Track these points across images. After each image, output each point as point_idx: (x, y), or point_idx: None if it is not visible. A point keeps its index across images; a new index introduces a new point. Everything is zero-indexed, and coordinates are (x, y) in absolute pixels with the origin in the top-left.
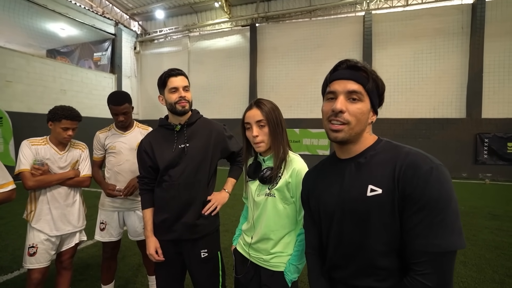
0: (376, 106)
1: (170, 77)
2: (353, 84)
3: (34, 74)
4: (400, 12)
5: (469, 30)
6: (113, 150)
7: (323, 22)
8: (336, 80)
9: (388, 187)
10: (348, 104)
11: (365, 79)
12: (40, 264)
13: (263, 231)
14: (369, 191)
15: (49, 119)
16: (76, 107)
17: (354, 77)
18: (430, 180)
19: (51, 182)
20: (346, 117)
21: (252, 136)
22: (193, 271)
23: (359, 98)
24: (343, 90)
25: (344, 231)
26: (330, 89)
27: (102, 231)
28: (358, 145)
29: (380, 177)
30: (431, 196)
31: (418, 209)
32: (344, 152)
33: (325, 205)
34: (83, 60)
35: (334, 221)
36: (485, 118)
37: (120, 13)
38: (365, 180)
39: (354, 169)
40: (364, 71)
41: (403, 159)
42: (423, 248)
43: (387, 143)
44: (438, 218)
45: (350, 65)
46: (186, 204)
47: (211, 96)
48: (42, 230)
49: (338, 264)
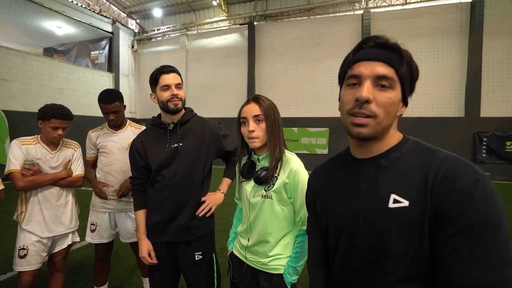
0: (407, 96)
1: (162, 74)
2: (383, 67)
3: (30, 73)
4: (398, 11)
5: (468, 29)
6: (104, 149)
7: (322, 21)
8: (361, 61)
9: (417, 199)
10: (376, 92)
11: (398, 62)
12: (31, 266)
13: (260, 233)
14: (392, 201)
15: (39, 118)
16: (73, 106)
17: (384, 58)
18: (475, 195)
19: (43, 183)
20: (373, 109)
21: (248, 131)
22: (187, 274)
23: (389, 85)
24: (371, 74)
25: (355, 246)
26: (354, 72)
27: (92, 233)
28: (381, 143)
29: (407, 185)
30: (477, 216)
31: (459, 231)
32: (363, 150)
33: (334, 211)
34: (80, 58)
35: (345, 232)
36: (484, 117)
37: (117, 11)
38: (387, 187)
39: (374, 172)
40: (397, 51)
41: (439, 165)
42: (463, 281)
43: (415, 144)
44: (484, 245)
45: (380, 43)
46: (179, 205)
47: (209, 94)
48: (33, 232)
49: (345, 281)
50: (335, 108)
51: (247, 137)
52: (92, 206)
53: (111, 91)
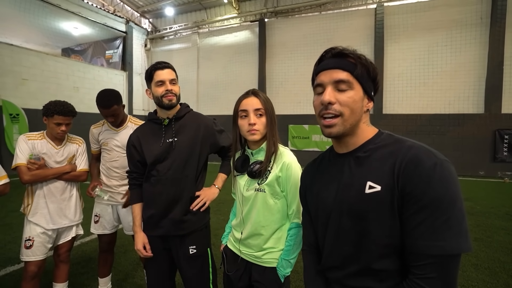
0: (370, 92)
1: (156, 70)
2: (339, 73)
3: (48, 72)
4: (413, 4)
5: (489, 21)
6: (106, 146)
7: (333, 16)
8: (322, 71)
9: (387, 183)
10: (338, 94)
11: (353, 65)
12: (36, 257)
13: (253, 226)
14: (368, 188)
15: (43, 114)
16: (88, 104)
17: (340, 65)
18: (433, 177)
19: (47, 176)
20: (337, 108)
21: (248, 124)
22: (182, 268)
23: (348, 87)
24: (330, 80)
25: (341, 230)
26: (317, 82)
27: (96, 224)
28: (355, 137)
29: (380, 172)
30: (434, 195)
31: (420, 209)
32: (341, 146)
33: (322, 202)
34: (96, 58)
35: (331, 219)
36: (506, 113)
37: (130, 11)
38: (364, 176)
39: (353, 164)
40: (351, 57)
41: (404, 153)
42: (425, 250)
43: (388, 136)
44: (442, 219)
45: (335, 53)
46: (173, 199)
47: (220, 92)
48: (39, 224)
49: (334, 264)
50: None
51: (247, 130)
52: (96, 198)
53: (108, 94)
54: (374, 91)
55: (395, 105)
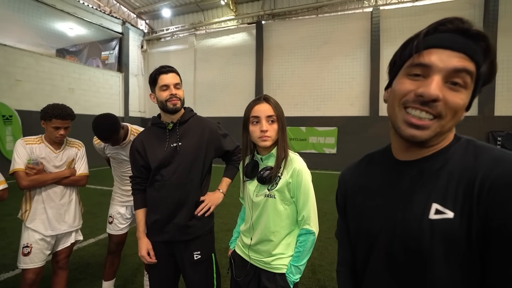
0: (473, 99)
1: (161, 74)
2: (463, 60)
3: (42, 73)
4: (409, 8)
5: (481, 25)
6: (114, 159)
7: (330, 19)
8: (435, 47)
9: (462, 209)
10: (446, 90)
11: (481, 56)
12: (35, 264)
13: (263, 232)
14: (433, 212)
15: (41, 118)
16: (83, 105)
17: (468, 50)
18: None
19: (46, 181)
20: (440, 109)
21: (260, 131)
22: (186, 273)
23: (464, 84)
24: (446, 67)
25: (390, 262)
26: (422, 61)
27: (110, 224)
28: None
29: (452, 193)
30: None
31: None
32: (408, 152)
33: (367, 219)
34: (91, 59)
35: (378, 244)
36: (498, 115)
37: (127, 12)
38: (429, 195)
39: (416, 177)
40: (484, 43)
41: (489, 167)
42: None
43: (467, 143)
44: None
45: (464, 29)
46: (178, 204)
47: (217, 94)
48: (37, 230)
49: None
50: (343, 107)
51: (258, 136)
52: (112, 200)
53: (106, 127)
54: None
55: None
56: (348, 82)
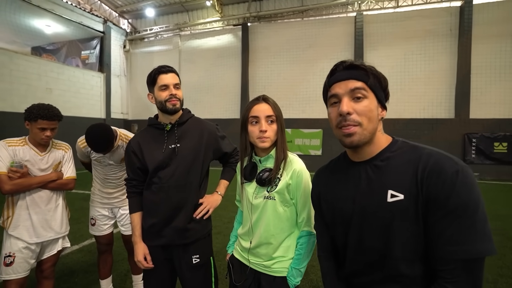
0: (383, 101)
1: (160, 74)
2: (354, 82)
3: (17, 72)
4: (391, 13)
5: (457, 32)
6: (98, 162)
7: (315, 23)
8: (336, 83)
9: (410, 192)
10: (354, 104)
11: (365, 76)
12: (18, 274)
13: (262, 235)
14: (390, 196)
15: (25, 118)
16: (62, 106)
17: (353, 76)
18: (456, 183)
19: (31, 186)
20: (356, 118)
21: (260, 131)
22: (184, 278)
23: (363, 95)
24: (345, 90)
25: (364, 238)
26: (332, 93)
27: (93, 226)
28: (372, 146)
29: (401, 181)
30: (459, 201)
31: (445, 214)
32: (358, 154)
33: (340, 210)
34: (71, 58)
35: (352, 227)
36: (473, 118)
37: (109, 10)
38: (384, 184)
39: (371, 172)
40: (362, 68)
41: (425, 161)
42: (452, 255)
43: (404, 144)
44: (467, 223)
45: (347, 66)
46: (176, 207)
47: (203, 96)
48: (21, 237)
49: (359, 270)
50: None
51: (257, 136)
52: (91, 202)
53: (104, 139)
54: (385, 100)
55: None
56: None
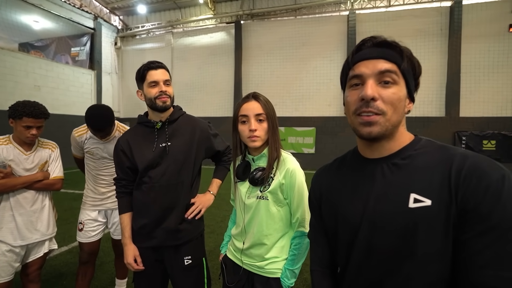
0: (413, 91)
1: (150, 70)
2: (384, 63)
3: (3, 69)
4: (383, 13)
5: (447, 32)
6: (91, 155)
7: (308, 21)
8: (361, 61)
9: (440, 197)
10: (381, 89)
11: (399, 58)
12: (1, 278)
13: (255, 235)
14: (412, 201)
15: (9, 116)
16: (51, 104)
17: (385, 55)
18: (503, 193)
19: (15, 186)
20: (380, 106)
21: (249, 130)
22: (175, 280)
23: (393, 80)
24: (373, 71)
25: (373, 251)
26: (355, 73)
27: (80, 232)
28: (393, 141)
29: (427, 184)
30: (504, 214)
31: (486, 230)
32: (374, 150)
33: (346, 216)
34: (60, 55)
35: (359, 237)
36: (463, 116)
37: (99, 6)
38: (406, 186)
39: (388, 172)
40: (397, 48)
41: (461, 162)
42: (491, 282)
43: (429, 142)
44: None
45: (378, 42)
46: (167, 207)
47: (195, 93)
48: (4, 240)
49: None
50: (321, 108)
51: (247, 136)
52: (82, 205)
53: (102, 115)
54: (415, 90)
55: None
56: (325, 83)
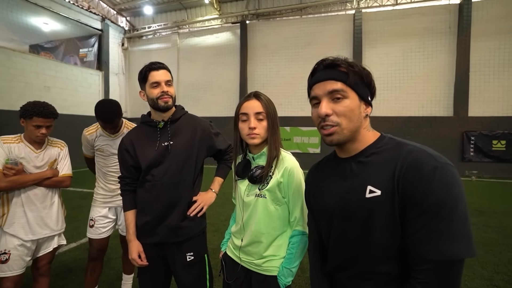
0: (366, 98)
1: (151, 71)
2: (332, 84)
3: (14, 70)
4: (389, 11)
5: (456, 30)
6: (101, 152)
7: (314, 20)
8: (315, 83)
9: (387, 188)
10: (334, 105)
11: (345, 75)
12: (13, 272)
13: (253, 233)
14: (368, 192)
15: (21, 115)
16: (60, 104)
17: (331, 76)
18: (433, 181)
19: (26, 183)
20: (334, 119)
21: (249, 128)
22: (178, 276)
23: (343, 96)
24: (324, 92)
25: (344, 234)
26: (312, 94)
27: (90, 228)
28: (357, 143)
29: (380, 177)
30: (435, 199)
31: (421, 213)
32: (343, 151)
33: (324, 206)
34: (68, 56)
35: (334, 223)
36: (472, 116)
37: (107, 8)
38: (365, 180)
39: (355, 168)
40: (342, 66)
41: (405, 157)
42: (425, 255)
43: (390, 140)
44: (443, 223)
45: (327, 65)
46: (170, 205)
47: (201, 94)
48: (16, 235)
49: (338, 265)
50: None
51: (247, 133)
52: (93, 202)
53: (110, 108)
54: (371, 96)
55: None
56: None
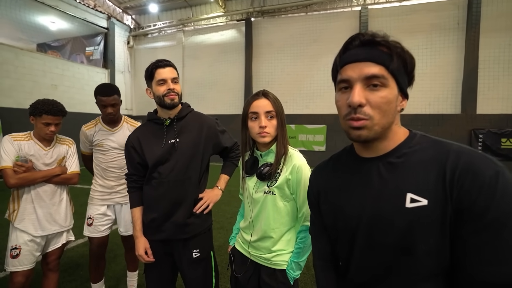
0: (405, 88)
1: (158, 68)
2: (372, 66)
3: (22, 69)
4: (396, 7)
5: (465, 26)
6: (100, 147)
7: (319, 17)
8: (348, 63)
9: (436, 196)
10: (369, 93)
11: (388, 57)
12: (24, 266)
13: (263, 229)
14: (409, 201)
15: (30, 113)
16: (67, 102)
17: (372, 57)
18: (497, 189)
19: (36, 180)
20: (368, 111)
21: (259, 127)
22: (184, 272)
23: (382, 84)
24: (359, 76)
25: (374, 247)
26: (343, 77)
27: (89, 226)
28: (387, 141)
29: (423, 183)
30: (500, 211)
31: (483, 228)
32: (369, 150)
33: (345, 215)
34: (75, 54)
35: (359, 236)
36: (480, 114)
37: (112, 6)
38: (402, 186)
39: (384, 171)
40: (385, 46)
41: (454, 160)
42: (488, 278)
43: (423, 138)
44: (510, 240)
45: (365, 41)
46: (176, 202)
47: (206, 91)
48: (26, 231)
49: (362, 282)
50: (332, 105)
51: (257, 132)
52: (90, 200)
53: (109, 84)
54: (409, 85)
55: None
56: None
